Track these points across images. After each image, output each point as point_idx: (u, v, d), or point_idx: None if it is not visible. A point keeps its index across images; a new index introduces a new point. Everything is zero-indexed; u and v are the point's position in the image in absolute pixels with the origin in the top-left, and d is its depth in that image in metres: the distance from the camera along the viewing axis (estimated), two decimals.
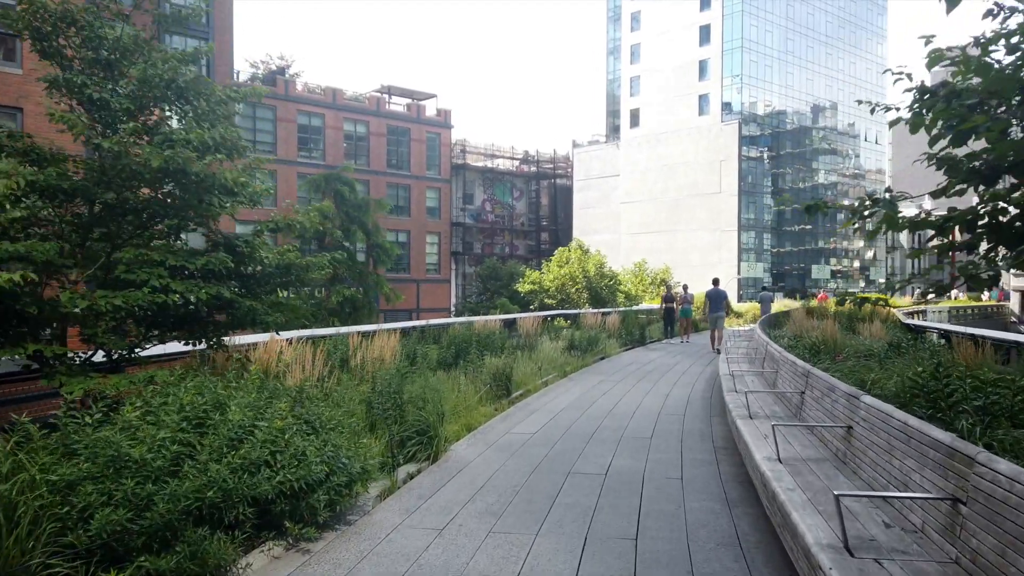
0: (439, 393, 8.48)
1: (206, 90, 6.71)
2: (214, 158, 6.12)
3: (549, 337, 19.80)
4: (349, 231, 25.78)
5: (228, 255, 6.42)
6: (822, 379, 6.02)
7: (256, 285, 7.22)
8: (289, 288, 8.05)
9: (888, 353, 10.93)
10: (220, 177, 6.14)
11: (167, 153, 5.60)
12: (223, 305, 6.66)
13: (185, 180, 6.03)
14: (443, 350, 13.45)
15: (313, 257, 7.52)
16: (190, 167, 5.73)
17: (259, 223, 7.25)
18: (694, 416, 10.25)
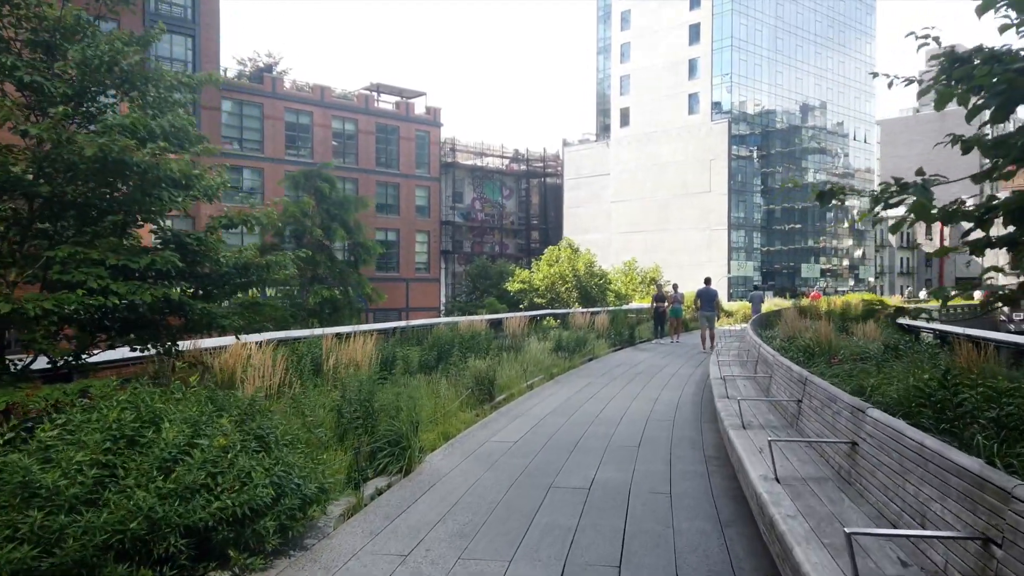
0: (414, 400, 7.99)
1: (154, 76, 6.18)
2: (156, 147, 5.59)
3: (537, 337, 19.34)
4: (330, 229, 25.19)
5: (177, 254, 5.89)
6: (821, 388, 5.57)
7: (213, 286, 6.70)
8: (249, 289, 7.51)
9: (885, 356, 10.51)
10: (165, 168, 5.62)
11: (101, 140, 5.09)
12: (175, 308, 6.14)
13: (127, 172, 5.52)
14: (425, 352, 12.96)
15: (274, 256, 7.00)
16: (130, 156, 5.21)
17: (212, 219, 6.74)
18: (684, 422, 9.80)
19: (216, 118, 43.84)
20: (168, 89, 6.29)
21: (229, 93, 44.74)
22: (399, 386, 10.43)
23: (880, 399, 6.84)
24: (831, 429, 5.08)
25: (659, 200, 66.45)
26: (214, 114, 43.45)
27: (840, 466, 4.69)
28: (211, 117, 43.36)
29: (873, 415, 4.28)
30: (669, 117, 66.56)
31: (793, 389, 6.58)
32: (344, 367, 9.27)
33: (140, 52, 6.03)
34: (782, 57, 69.26)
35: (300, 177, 27.14)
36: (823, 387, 5.52)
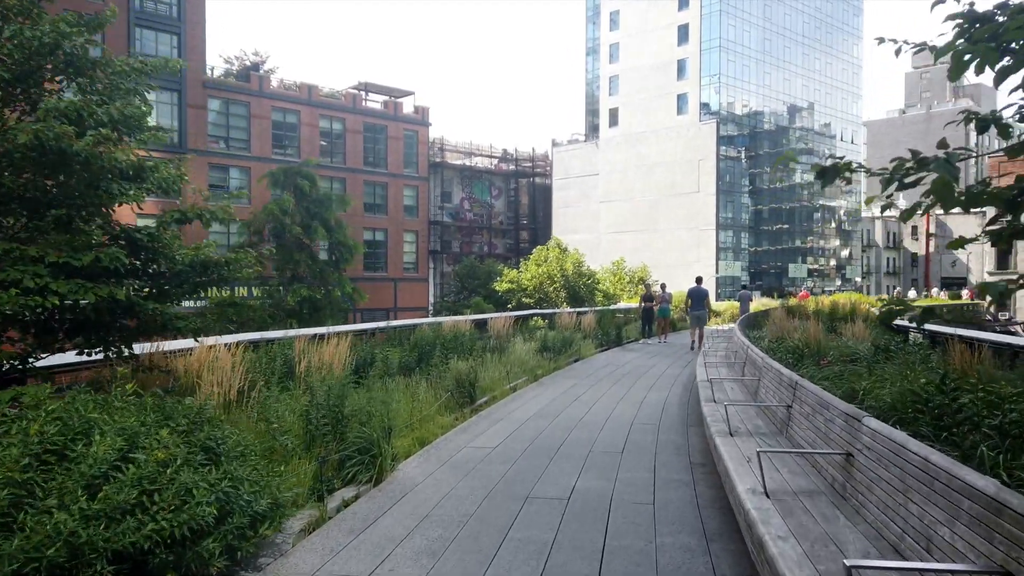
0: (387, 405, 7.62)
1: (103, 60, 5.78)
2: (99, 134, 5.19)
3: (523, 338, 19.01)
4: (310, 227, 24.63)
5: (124, 250, 5.49)
6: (813, 393, 5.24)
7: (169, 285, 6.30)
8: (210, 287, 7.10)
9: (876, 357, 10.23)
10: (110, 159, 5.22)
11: (36, 127, 4.70)
12: (125, 309, 5.74)
13: (69, 162, 5.12)
14: (406, 353, 12.58)
15: (234, 253, 6.61)
16: (68, 144, 4.82)
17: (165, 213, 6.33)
18: (669, 426, 9.48)
19: (203, 117, 43.28)
20: (119, 75, 5.88)
21: (216, 92, 44.17)
22: (375, 389, 10.06)
23: (873, 404, 6.53)
24: (824, 438, 4.76)
25: (648, 200, 66.27)
26: (200, 113, 42.90)
27: (834, 479, 4.36)
28: (197, 116, 42.80)
29: (870, 424, 3.96)
30: (658, 117, 66.39)
31: (783, 393, 6.26)
32: (317, 370, 8.88)
33: (85, 35, 5.62)
34: (770, 58, 69.25)
35: (280, 175, 26.59)
36: (814, 392, 5.20)
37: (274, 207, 23.89)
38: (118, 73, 5.85)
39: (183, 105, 42.20)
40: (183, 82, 42.09)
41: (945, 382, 5.66)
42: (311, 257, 24.21)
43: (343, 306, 27.16)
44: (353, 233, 49.78)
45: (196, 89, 42.70)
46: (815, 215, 73.20)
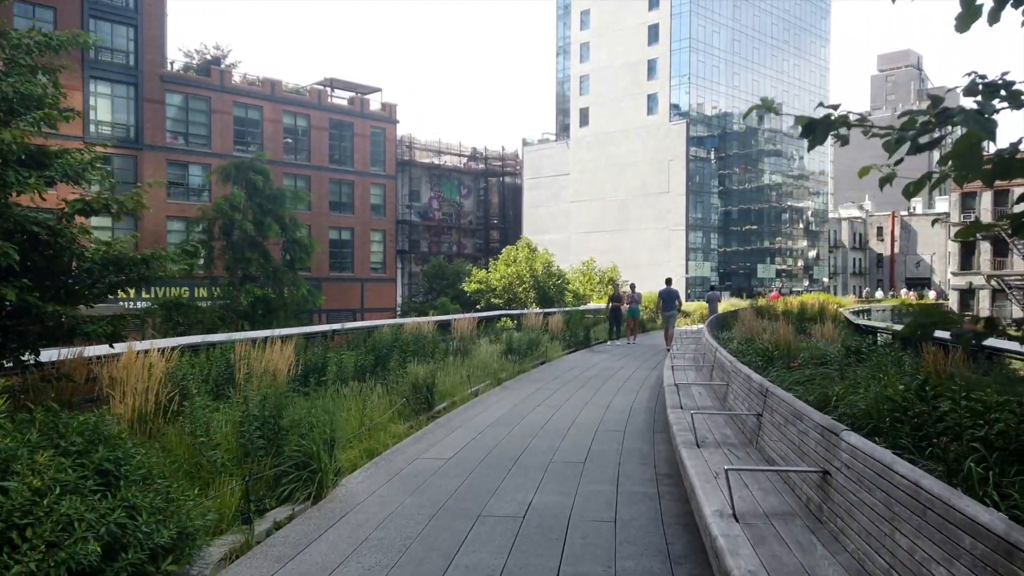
0: (331, 414, 7.07)
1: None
2: None
3: (489, 339, 18.53)
4: (263, 225, 23.72)
5: (15, 246, 4.88)
6: (785, 401, 4.83)
7: (77, 284, 5.69)
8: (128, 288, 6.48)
9: (847, 359, 9.92)
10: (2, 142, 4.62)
11: None
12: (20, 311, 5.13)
13: None
14: (362, 357, 11.99)
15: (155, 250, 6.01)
16: None
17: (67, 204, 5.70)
18: (635, 432, 9.05)
19: (160, 112, 42.05)
20: (16, 49, 5.27)
21: (175, 86, 42.98)
22: (325, 396, 9.50)
23: (847, 411, 6.15)
24: (797, 451, 4.34)
25: (618, 200, 66.21)
26: (158, 107, 41.68)
27: (809, 499, 3.95)
28: (155, 111, 41.57)
29: (849, 440, 3.54)
30: (628, 117, 66.36)
31: (753, 401, 5.86)
32: (260, 376, 8.29)
33: None
34: (739, 59, 69.62)
35: (232, 169, 25.60)
36: (787, 401, 4.79)
37: (224, 203, 22.95)
38: (16, 47, 5.24)
39: (140, 99, 40.99)
40: (140, 75, 40.92)
41: (924, 389, 5.30)
42: (264, 256, 23.30)
43: (305, 307, 26.26)
44: (318, 232, 49.05)
45: (154, 83, 41.50)
46: (783, 216, 73.79)
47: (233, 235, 22.55)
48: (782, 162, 74.08)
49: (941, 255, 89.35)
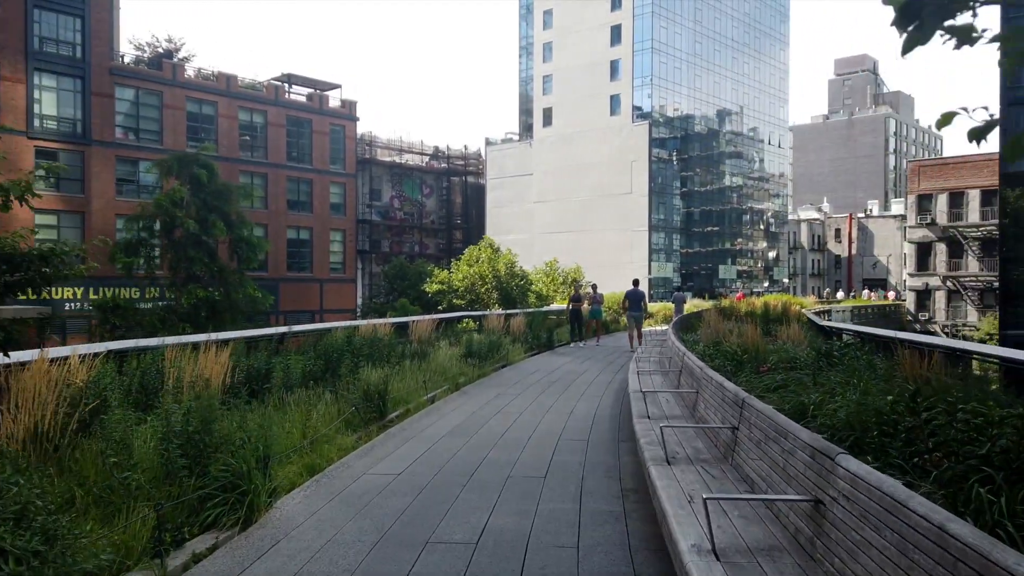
0: (266, 428, 6.41)
1: None
2: None
3: (449, 342, 17.94)
4: (206, 222, 22.56)
5: None
6: (766, 415, 4.35)
7: None
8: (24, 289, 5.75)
9: (819, 363, 9.55)
10: None
11: None
12: None
13: None
14: (310, 362, 11.30)
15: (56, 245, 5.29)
16: None
17: None
18: (599, 441, 8.55)
19: (108, 106, 40.46)
20: None
21: (124, 80, 41.45)
22: (268, 406, 8.83)
23: (827, 421, 5.71)
24: (782, 474, 3.85)
25: (581, 201, 66.04)
26: (106, 101, 40.10)
27: (799, 530, 3.45)
28: (103, 105, 39.96)
29: (848, 467, 3.05)
30: (591, 118, 66.23)
31: (727, 412, 5.38)
32: (191, 385, 7.58)
33: None
34: (701, 61, 70.01)
35: (173, 162, 24.29)
36: (768, 415, 4.30)
37: (164, 200, 21.77)
38: None
39: (87, 93, 39.40)
40: (87, 68, 39.34)
41: (916, 400, 4.87)
42: (210, 255, 22.18)
43: (256, 308, 25.17)
44: (276, 231, 47.80)
45: (102, 76, 39.94)
46: (744, 217, 74.46)
47: (174, 233, 21.40)
48: (743, 164, 74.78)
49: (896, 256, 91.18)
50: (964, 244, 50.78)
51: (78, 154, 38.70)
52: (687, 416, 6.96)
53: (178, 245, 21.41)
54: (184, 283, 20.27)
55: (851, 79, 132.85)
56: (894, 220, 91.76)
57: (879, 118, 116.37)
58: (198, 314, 20.35)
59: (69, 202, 37.63)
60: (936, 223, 51.45)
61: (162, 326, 17.72)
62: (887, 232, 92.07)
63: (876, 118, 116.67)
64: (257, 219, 46.64)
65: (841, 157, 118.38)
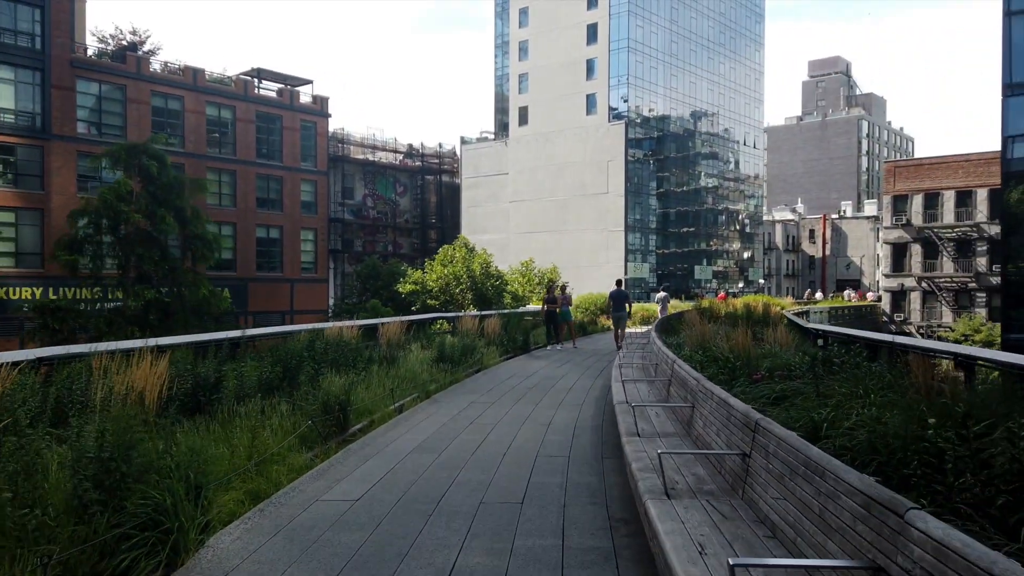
0: (200, 451, 5.55)
1: None
2: None
3: (421, 345, 17.10)
4: (155, 216, 21.23)
5: None
6: (791, 445, 3.60)
7: None
8: None
9: (815, 370, 8.88)
10: None
11: None
12: None
13: None
14: (268, 369, 10.39)
15: None
16: None
17: None
18: (582, 458, 7.78)
19: (70, 99, 38.95)
20: None
21: (86, 72, 40.00)
22: (213, 421, 7.95)
23: (844, 443, 5.00)
24: (818, 521, 3.10)
25: (557, 201, 65.46)
26: (67, 95, 38.61)
27: None
28: (64, 98, 38.46)
29: (927, 529, 2.29)
30: (567, 117, 65.69)
31: (734, 434, 4.63)
32: (122, 399, 6.67)
33: None
34: (677, 61, 69.77)
35: (121, 153, 22.88)
36: (794, 446, 3.55)
37: (109, 193, 20.49)
38: None
39: (47, 86, 37.91)
40: (46, 60, 37.84)
41: (967, 425, 4.16)
42: (162, 253, 20.87)
43: (214, 309, 23.88)
44: (245, 230, 46.50)
45: (62, 68, 38.47)
46: (719, 218, 74.38)
47: (120, 229, 20.11)
48: (718, 165, 74.71)
49: (870, 257, 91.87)
50: (939, 245, 50.95)
51: (37, 149, 37.23)
52: (682, 434, 6.21)
53: (125, 242, 20.16)
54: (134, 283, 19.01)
55: (824, 81, 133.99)
56: (867, 221, 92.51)
57: (852, 120, 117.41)
58: (147, 316, 19.07)
59: (28, 199, 36.11)
60: (912, 224, 51.56)
61: (108, 330, 16.52)
62: (861, 233, 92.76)
63: (849, 120, 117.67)
64: (225, 217, 45.37)
65: (814, 158, 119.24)
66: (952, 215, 50.10)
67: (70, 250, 19.24)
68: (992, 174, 48.10)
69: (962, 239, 50.00)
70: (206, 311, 23.10)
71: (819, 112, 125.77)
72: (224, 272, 45.24)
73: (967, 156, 49.64)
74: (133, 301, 18.73)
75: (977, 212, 48.98)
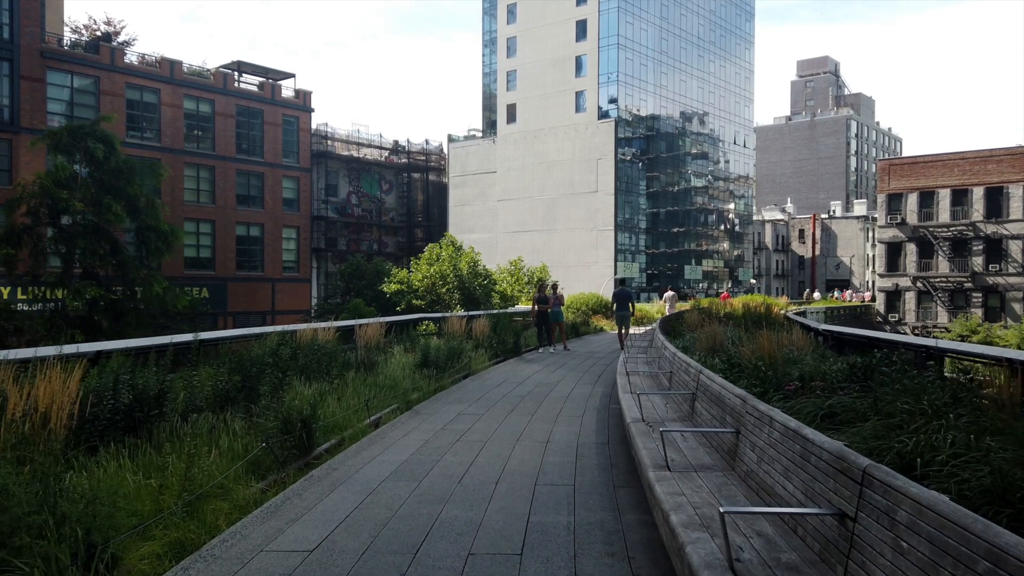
0: (92, 502, 4.22)
1: None
2: None
3: (404, 348, 15.79)
4: (101, 206, 19.33)
5: None
6: (944, 516, 2.35)
7: None
8: None
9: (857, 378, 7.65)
10: None
11: None
12: None
13: None
14: (224, 378, 9.04)
15: None
16: None
17: None
18: (590, 487, 6.50)
19: (39, 91, 37.28)
20: None
21: (57, 63, 38.38)
22: (154, 441, 6.62)
23: (955, 486, 3.77)
24: None
25: (546, 200, 64.25)
26: (36, 86, 36.94)
27: None
28: (34, 90, 36.78)
29: None
30: (556, 115, 64.50)
31: (820, 483, 3.34)
32: (19, 423, 5.33)
33: None
34: (666, 58, 68.77)
35: (64, 135, 20.92)
36: (958, 521, 2.29)
37: (46, 179, 18.71)
38: None
39: (16, 77, 36.29)
40: (15, 50, 36.22)
41: None
42: (112, 246, 19.04)
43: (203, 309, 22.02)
44: (224, 228, 44.88)
45: (32, 59, 36.85)
46: (709, 218, 73.41)
47: (61, 220, 18.33)
48: (708, 164, 73.75)
49: (860, 257, 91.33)
50: (934, 244, 50.12)
51: (5, 142, 35.62)
52: (723, 468, 4.91)
53: (67, 234, 18.44)
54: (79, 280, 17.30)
55: (813, 80, 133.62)
56: (857, 221, 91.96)
57: (841, 120, 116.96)
58: (91, 317, 17.30)
59: None
60: (906, 223, 50.69)
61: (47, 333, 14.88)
62: (850, 233, 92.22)
63: (838, 120, 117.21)
64: (204, 215, 43.74)
65: (803, 158, 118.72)
66: (947, 214, 49.29)
67: (6, 243, 17.49)
68: (988, 172, 47.37)
69: (958, 238, 49.18)
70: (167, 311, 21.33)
71: (808, 112, 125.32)
72: (203, 271, 43.70)
73: (963, 154, 48.84)
74: (72, 301, 16.95)
75: (973, 211, 48.17)
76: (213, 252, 44.43)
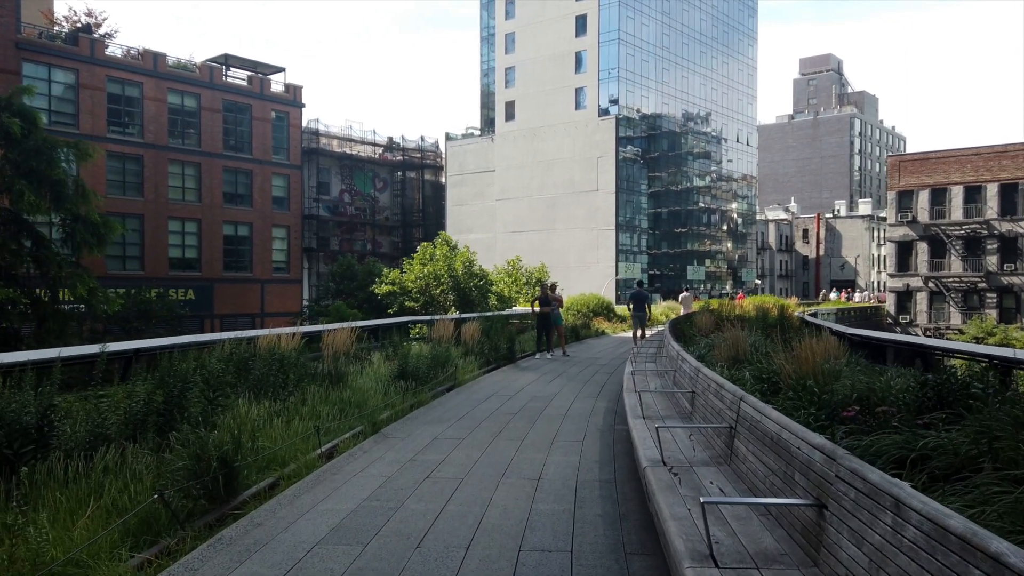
0: None
1: None
2: None
3: (386, 355, 14.13)
4: (14, 191, 17.14)
5: None
6: None
7: None
8: None
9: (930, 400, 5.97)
10: None
11: None
12: None
13: None
14: (141, 401, 7.32)
15: None
16: None
17: None
18: (593, 556, 4.81)
19: (13, 83, 35.65)
20: None
21: (33, 55, 36.78)
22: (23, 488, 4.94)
23: None
24: None
25: (546, 199, 62.59)
26: (11, 79, 35.27)
27: None
28: (7, 82, 35.10)
29: None
30: (556, 112, 62.86)
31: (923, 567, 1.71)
32: None
33: None
34: (668, 55, 67.15)
35: None
36: None
37: None
38: None
39: None
40: None
41: None
42: (34, 240, 16.91)
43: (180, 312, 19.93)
44: (211, 227, 43.16)
45: (7, 50, 35.29)
46: (712, 218, 71.76)
47: None
48: (710, 162, 72.10)
49: (865, 257, 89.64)
50: (947, 243, 48.39)
51: None
52: (802, 562, 3.23)
53: None
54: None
55: (816, 78, 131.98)
56: (862, 220, 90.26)
57: (844, 118, 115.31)
58: (7, 324, 15.31)
59: None
60: (917, 221, 48.96)
61: None
62: (855, 233, 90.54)
63: (841, 118, 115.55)
64: (189, 213, 42.05)
65: (806, 157, 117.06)
66: (960, 211, 47.55)
67: None
68: (1003, 168, 45.65)
69: (971, 237, 47.45)
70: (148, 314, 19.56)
71: (811, 110, 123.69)
72: (188, 272, 42.08)
73: (976, 149, 47.12)
74: None
75: (987, 208, 46.44)
76: (199, 252, 42.82)
